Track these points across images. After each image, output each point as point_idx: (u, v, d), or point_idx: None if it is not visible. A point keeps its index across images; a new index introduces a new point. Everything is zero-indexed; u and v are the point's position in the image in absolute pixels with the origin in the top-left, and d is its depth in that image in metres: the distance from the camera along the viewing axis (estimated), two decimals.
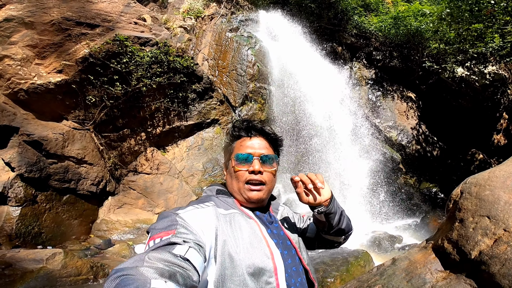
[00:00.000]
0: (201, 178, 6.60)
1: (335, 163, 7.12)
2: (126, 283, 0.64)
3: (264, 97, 7.48)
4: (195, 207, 1.02)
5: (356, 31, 9.13)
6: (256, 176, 1.12)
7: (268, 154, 1.17)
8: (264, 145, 1.18)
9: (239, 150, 1.16)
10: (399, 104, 8.57)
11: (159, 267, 0.71)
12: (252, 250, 0.98)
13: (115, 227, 5.44)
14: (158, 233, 0.86)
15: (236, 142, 1.19)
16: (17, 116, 5.13)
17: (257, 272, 0.95)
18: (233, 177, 1.15)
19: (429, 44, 8.18)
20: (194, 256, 0.81)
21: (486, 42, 5.94)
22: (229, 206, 1.10)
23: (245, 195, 1.12)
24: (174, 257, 0.76)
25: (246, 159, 1.13)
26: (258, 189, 1.12)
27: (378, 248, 4.98)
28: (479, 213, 2.04)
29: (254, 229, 1.05)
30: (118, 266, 0.72)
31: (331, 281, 3.02)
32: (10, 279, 3.03)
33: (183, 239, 0.84)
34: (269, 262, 0.98)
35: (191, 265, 0.78)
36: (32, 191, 4.88)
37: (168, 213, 0.96)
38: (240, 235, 1.00)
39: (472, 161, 7.54)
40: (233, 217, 1.05)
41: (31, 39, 5.21)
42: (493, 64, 7.67)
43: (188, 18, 7.66)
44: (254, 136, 1.18)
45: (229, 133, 1.23)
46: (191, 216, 0.96)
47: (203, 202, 1.07)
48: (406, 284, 1.95)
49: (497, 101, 7.86)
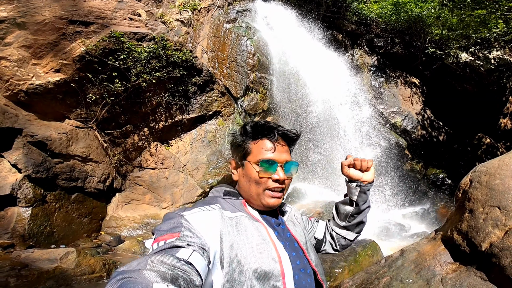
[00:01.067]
0: (206, 171, 6.63)
1: (339, 150, 7.10)
2: (128, 286, 0.63)
3: (265, 87, 7.41)
4: (200, 209, 1.00)
5: (356, 18, 8.94)
6: (280, 184, 1.09)
7: (292, 162, 1.13)
8: (286, 150, 1.14)
9: (261, 154, 1.10)
10: (403, 90, 8.44)
11: (162, 270, 0.71)
12: (259, 254, 0.97)
13: (124, 224, 5.53)
14: (162, 235, 0.86)
15: (255, 143, 1.12)
16: (19, 117, 5.13)
17: (264, 276, 0.94)
18: (252, 182, 1.10)
19: (431, 30, 7.99)
20: (198, 260, 0.80)
21: (489, 28, 5.79)
22: (236, 208, 1.08)
23: (264, 201, 1.09)
24: (177, 260, 0.76)
25: (271, 166, 1.08)
26: (279, 196, 1.10)
27: (386, 236, 4.99)
28: (489, 203, 2.01)
29: (261, 232, 1.04)
30: (120, 268, 0.71)
31: (339, 272, 3.05)
32: (27, 280, 3.11)
33: (187, 242, 0.83)
34: (277, 266, 0.97)
35: (194, 269, 0.78)
36: (41, 191, 4.94)
37: (173, 214, 0.95)
38: (247, 238, 0.99)
39: (479, 145, 7.47)
40: (240, 220, 1.03)
41: (25, 39, 5.15)
42: (497, 49, 7.49)
43: (185, 11, 7.50)
44: (276, 140, 1.13)
45: (244, 131, 1.16)
46: (197, 218, 0.95)
47: (209, 204, 1.04)
48: (415, 276, 1.96)
49: (503, 85, 7.73)
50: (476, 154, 7.31)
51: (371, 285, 2.19)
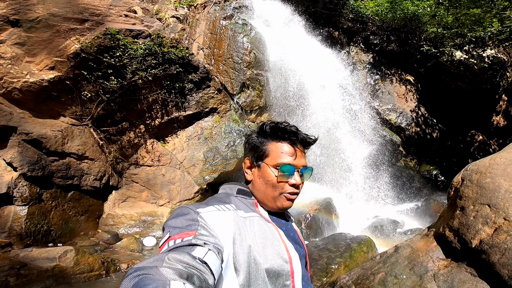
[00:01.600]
0: (202, 168, 6.64)
1: (335, 147, 7.17)
2: (145, 282, 0.64)
3: (262, 84, 7.41)
4: (216, 208, 0.99)
5: (352, 15, 8.95)
6: (296, 189, 1.10)
7: (308, 167, 1.14)
8: (303, 155, 1.14)
9: (281, 158, 1.09)
10: (397, 87, 8.52)
11: (178, 268, 0.72)
12: (271, 254, 0.99)
13: (121, 221, 5.54)
14: (179, 233, 0.85)
15: (274, 145, 1.11)
16: (14, 115, 5.07)
17: (275, 275, 0.97)
18: (269, 185, 1.09)
19: (426, 28, 8.05)
20: (212, 259, 0.81)
21: (484, 27, 5.85)
22: (249, 208, 1.09)
23: (279, 204, 1.10)
24: (193, 259, 0.77)
25: (289, 171, 1.08)
26: (294, 198, 1.12)
27: (380, 233, 5.09)
28: (479, 201, 2.08)
29: (273, 233, 1.05)
30: (137, 264, 0.72)
31: (335, 268, 3.13)
32: (27, 279, 3.12)
33: (204, 241, 0.84)
34: (287, 266, 1.00)
35: (208, 268, 0.79)
36: (37, 189, 4.91)
37: (188, 210, 0.94)
38: (260, 239, 1.01)
39: (472, 142, 7.61)
40: (254, 221, 1.04)
41: (18, 37, 5.07)
42: (491, 48, 7.60)
43: (180, 8, 7.42)
44: (296, 144, 1.12)
45: (263, 131, 1.14)
46: (212, 218, 0.94)
47: (224, 203, 1.04)
48: (409, 272, 2.03)
49: (496, 83, 7.86)
50: (469, 151, 7.45)
51: (367, 280, 2.26)
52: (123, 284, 0.66)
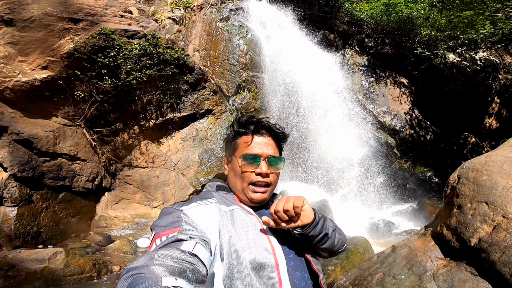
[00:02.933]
0: (197, 170, 6.58)
1: (329, 149, 7.18)
2: (138, 282, 0.65)
3: (257, 86, 7.42)
4: (198, 203, 1.02)
5: (347, 18, 9.09)
6: (262, 178, 1.10)
7: (276, 156, 1.14)
8: (272, 145, 1.15)
9: (246, 149, 1.12)
10: (392, 89, 8.61)
11: (169, 264, 0.72)
12: (254, 246, 0.99)
13: (114, 223, 5.43)
14: (163, 231, 0.87)
15: (241, 138, 1.15)
16: (5, 115, 4.96)
17: (259, 267, 0.96)
18: (237, 176, 1.12)
19: (420, 30, 8.21)
20: (201, 251, 0.82)
21: (477, 29, 5.96)
22: (230, 202, 1.10)
23: (248, 195, 1.10)
24: (182, 253, 0.77)
25: (253, 160, 1.10)
26: (262, 191, 1.11)
27: (376, 234, 5.10)
28: (477, 199, 2.08)
29: (255, 225, 1.05)
30: (129, 265, 0.73)
31: (331, 269, 3.10)
32: (15, 280, 3.02)
33: (189, 236, 0.85)
34: (271, 258, 0.99)
35: (199, 260, 0.79)
36: (27, 190, 4.80)
37: (172, 209, 0.96)
38: (242, 231, 1.01)
39: (465, 144, 7.71)
40: (235, 213, 1.05)
41: (11, 36, 5.00)
42: (484, 50, 7.75)
43: (177, 9, 7.41)
44: (261, 134, 1.15)
45: (233, 127, 1.19)
46: (195, 212, 0.96)
47: (205, 199, 1.06)
48: (407, 272, 2.01)
49: (489, 86, 7.99)
50: (462, 153, 7.54)
51: (365, 281, 2.23)
52: (118, 286, 0.67)
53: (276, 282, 0.96)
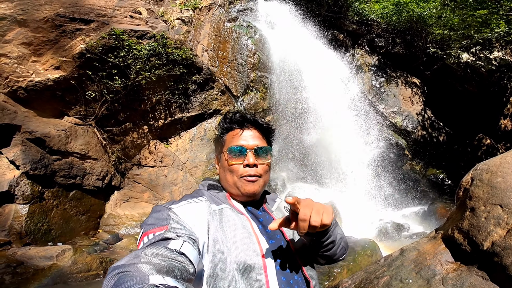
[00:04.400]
0: (205, 169, 6.60)
1: (339, 149, 7.08)
2: (125, 280, 0.64)
3: (265, 86, 7.39)
4: (188, 201, 1.01)
5: (357, 18, 8.96)
6: (251, 170, 1.08)
7: (263, 146, 1.12)
8: (258, 136, 1.14)
9: (231, 142, 1.12)
10: (403, 90, 8.42)
11: (156, 262, 0.71)
12: (242, 247, 0.96)
13: (122, 221, 5.50)
14: (151, 229, 0.87)
15: (228, 134, 1.15)
16: (18, 114, 5.10)
17: (246, 269, 0.93)
18: (227, 171, 1.11)
19: (432, 30, 8.00)
20: (189, 249, 0.81)
21: (491, 28, 5.77)
22: (220, 201, 1.08)
23: (241, 188, 1.08)
24: (170, 251, 0.77)
25: (239, 152, 1.09)
26: (253, 180, 1.08)
27: (385, 237, 4.97)
28: (491, 202, 1.99)
29: (244, 225, 1.03)
30: (115, 263, 0.72)
31: (337, 271, 3.03)
32: (23, 277, 3.09)
33: (177, 234, 0.84)
34: (258, 259, 0.96)
35: (187, 259, 0.79)
36: (39, 188, 4.90)
37: (161, 207, 0.96)
38: (230, 231, 0.99)
39: (479, 146, 7.45)
40: (224, 213, 1.03)
41: (25, 36, 5.14)
42: (498, 49, 7.49)
43: (186, 10, 7.48)
44: (246, 127, 1.14)
45: (220, 125, 1.19)
46: (184, 211, 0.96)
47: (196, 197, 1.06)
48: (415, 276, 1.93)
49: (504, 86, 7.71)
50: (476, 154, 7.29)
51: (370, 284, 2.16)
52: (104, 284, 0.66)
53: (263, 285, 0.93)
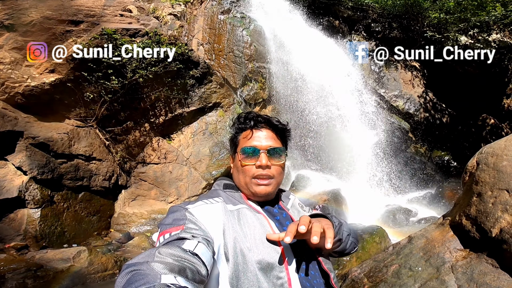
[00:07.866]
0: (209, 163, 6.63)
1: (342, 136, 7.06)
2: (137, 278, 0.65)
3: (264, 76, 7.33)
4: (204, 202, 1.02)
5: (352, 3, 8.82)
6: (264, 171, 1.08)
7: (276, 147, 1.12)
8: (271, 137, 1.14)
9: (245, 143, 1.12)
10: (403, 73, 8.33)
11: (169, 262, 0.73)
12: (262, 246, 0.98)
13: (132, 220, 5.59)
14: (167, 229, 0.89)
15: (241, 134, 1.16)
16: (19, 120, 5.10)
17: (267, 267, 0.95)
18: (240, 172, 1.12)
19: (429, 14, 7.86)
20: (203, 251, 0.82)
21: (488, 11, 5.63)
22: (237, 201, 1.09)
23: (252, 189, 1.09)
24: (183, 252, 0.78)
25: (252, 153, 1.09)
26: (266, 183, 1.09)
27: (393, 222, 4.95)
28: (497, 186, 1.98)
29: (263, 224, 1.04)
30: (129, 261, 0.73)
31: (347, 260, 3.09)
32: (44, 280, 3.18)
33: (192, 234, 0.86)
34: (279, 257, 0.98)
35: (200, 260, 0.80)
36: (48, 192, 4.97)
37: (178, 207, 0.98)
38: (249, 230, 1.00)
39: (484, 126, 7.41)
40: (242, 213, 1.04)
41: (15, 41, 5.06)
42: (497, 32, 7.35)
43: (177, 5, 7.30)
44: (260, 128, 1.14)
45: (234, 125, 1.19)
46: (200, 211, 0.97)
47: (212, 198, 1.06)
48: (425, 264, 1.97)
49: (505, 67, 7.61)
50: (481, 135, 7.26)
51: (380, 273, 2.21)
52: (117, 281, 0.68)
53: (285, 282, 0.95)
